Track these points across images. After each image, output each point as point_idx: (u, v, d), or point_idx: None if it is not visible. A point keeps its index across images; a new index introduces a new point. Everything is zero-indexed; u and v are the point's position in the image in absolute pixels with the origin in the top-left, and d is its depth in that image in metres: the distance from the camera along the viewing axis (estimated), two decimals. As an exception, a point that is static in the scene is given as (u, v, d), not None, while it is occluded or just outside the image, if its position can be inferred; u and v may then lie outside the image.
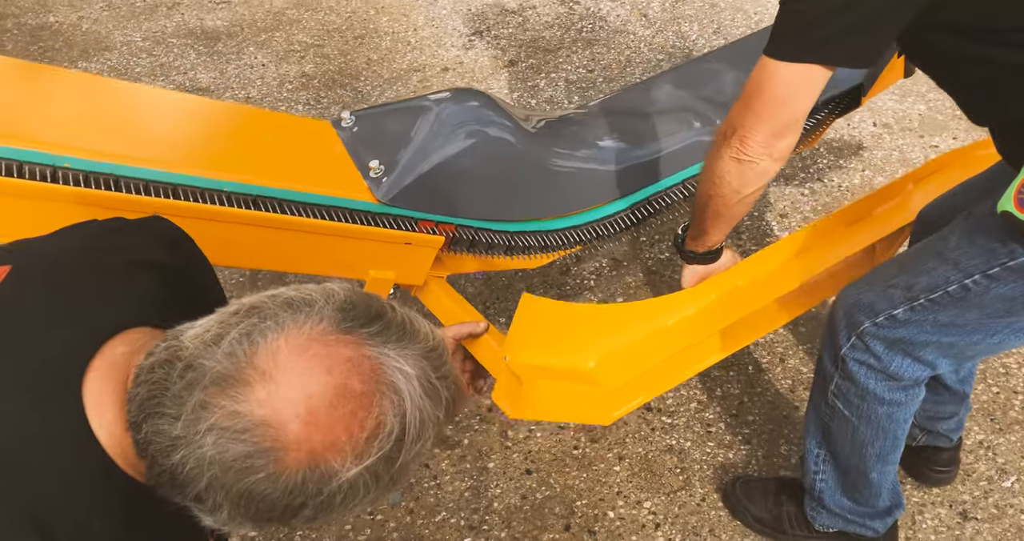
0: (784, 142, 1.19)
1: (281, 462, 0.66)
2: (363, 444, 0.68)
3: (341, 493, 0.69)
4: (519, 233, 1.63)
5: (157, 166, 1.29)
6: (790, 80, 1.13)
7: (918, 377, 1.32)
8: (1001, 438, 1.83)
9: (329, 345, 0.69)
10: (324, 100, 2.99)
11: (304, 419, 0.66)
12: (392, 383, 0.70)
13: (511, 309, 2.17)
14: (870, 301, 1.29)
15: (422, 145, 1.56)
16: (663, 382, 1.48)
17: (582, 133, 1.77)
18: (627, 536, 1.68)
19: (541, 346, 1.32)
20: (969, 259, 1.17)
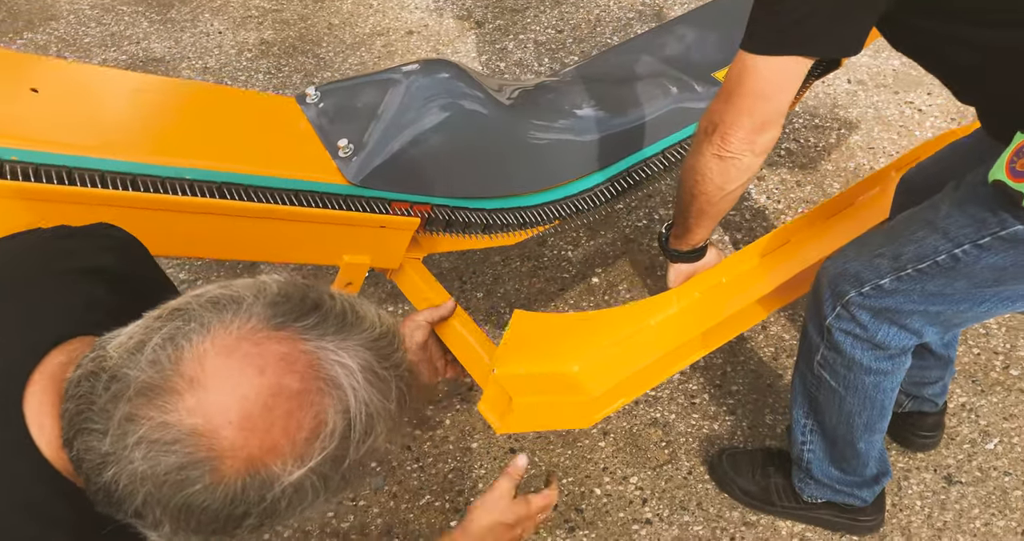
0: (766, 137, 1.17)
1: (217, 471, 0.63)
2: (304, 445, 0.65)
3: (286, 498, 0.66)
4: (497, 210, 1.57)
5: (112, 154, 1.22)
6: (770, 74, 1.10)
7: (904, 346, 1.30)
8: (983, 400, 1.83)
9: (260, 344, 0.65)
10: (285, 68, 2.89)
11: (238, 424, 0.63)
12: (332, 378, 0.66)
13: (488, 283, 2.13)
14: (856, 271, 1.27)
15: (393, 121, 1.49)
16: (645, 382, 1.46)
17: (558, 102, 1.71)
18: (614, 513, 1.67)
19: (527, 356, 1.29)
20: (959, 228, 1.14)
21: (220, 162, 1.31)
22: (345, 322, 0.69)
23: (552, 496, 1.19)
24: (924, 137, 2.50)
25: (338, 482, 0.69)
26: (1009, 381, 1.86)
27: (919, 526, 1.62)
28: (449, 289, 2.10)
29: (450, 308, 1.37)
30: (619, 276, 2.13)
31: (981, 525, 1.62)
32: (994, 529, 1.62)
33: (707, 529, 1.63)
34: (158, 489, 0.64)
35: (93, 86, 1.34)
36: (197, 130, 1.38)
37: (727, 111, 1.15)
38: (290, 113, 1.52)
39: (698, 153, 1.22)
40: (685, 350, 1.44)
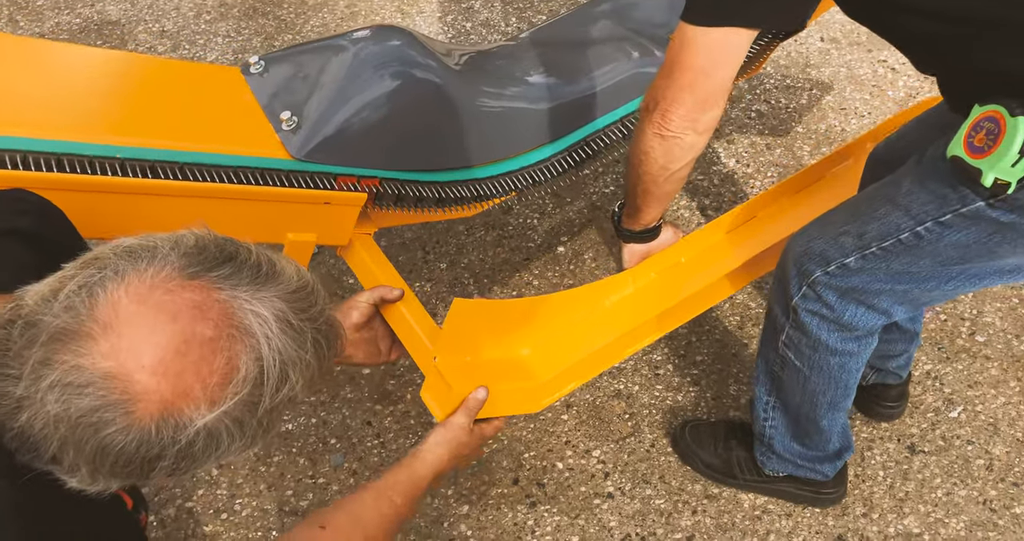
0: (709, 115, 1.13)
1: (131, 414, 0.65)
2: (216, 390, 0.67)
3: (200, 442, 0.68)
4: (449, 184, 1.52)
5: (36, 133, 1.16)
6: (710, 47, 1.05)
7: (872, 326, 1.27)
8: (948, 367, 1.82)
9: (173, 291, 0.67)
10: (245, 31, 2.80)
11: (151, 369, 0.65)
12: (245, 326, 0.68)
13: (451, 253, 2.09)
14: (821, 249, 1.23)
15: (338, 92, 1.43)
16: (598, 365, 1.43)
17: (511, 69, 1.65)
18: (576, 487, 1.65)
19: (472, 343, 1.26)
20: (921, 205, 1.11)
21: (154, 139, 1.26)
22: (260, 273, 0.71)
23: (500, 424, 1.28)
24: (896, 97, 2.46)
25: (254, 428, 0.71)
26: (975, 348, 1.85)
27: (881, 496, 1.62)
28: (412, 259, 2.07)
29: (396, 294, 1.33)
30: (585, 245, 2.10)
31: (943, 495, 1.62)
32: (955, 498, 1.61)
33: (669, 502, 1.62)
34: (73, 432, 0.65)
35: (14, 58, 1.28)
36: (131, 105, 1.32)
37: (667, 87, 1.11)
38: (234, 84, 1.47)
39: (640, 131, 1.19)
40: (641, 331, 1.41)
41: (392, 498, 1.07)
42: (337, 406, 1.77)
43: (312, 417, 1.76)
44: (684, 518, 1.60)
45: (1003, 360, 1.83)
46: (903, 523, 1.58)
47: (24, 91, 1.26)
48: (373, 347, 1.36)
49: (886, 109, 2.42)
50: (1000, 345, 1.85)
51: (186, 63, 1.50)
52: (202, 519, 1.62)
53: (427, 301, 1.96)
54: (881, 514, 1.59)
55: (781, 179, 2.23)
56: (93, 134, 1.22)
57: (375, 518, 1.04)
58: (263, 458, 1.69)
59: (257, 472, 1.68)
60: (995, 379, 1.79)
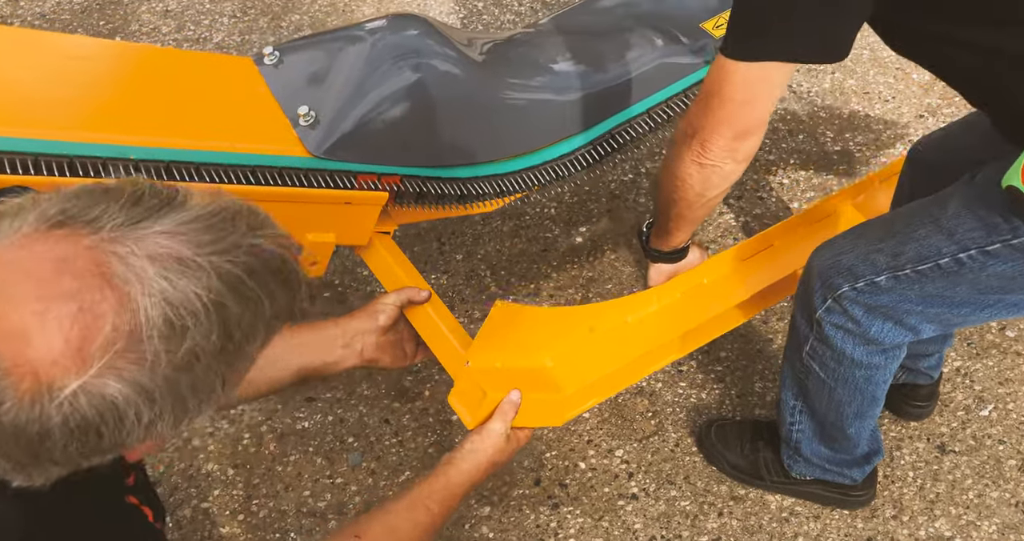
0: (748, 143, 1.10)
1: (18, 390, 0.57)
2: (84, 350, 0.57)
3: (89, 411, 0.58)
4: (472, 179, 1.47)
5: (44, 133, 1.11)
6: (749, 81, 1.03)
7: (899, 341, 1.23)
8: (978, 363, 1.78)
9: (34, 246, 0.58)
10: (251, 10, 2.72)
11: (12, 335, 0.56)
12: (113, 273, 0.58)
13: (467, 244, 2.04)
14: (850, 264, 1.18)
15: (358, 85, 1.38)
16: (619, 382, 1.40)
17: (534, 58, 1.59)
18: (599, 488, 1.62)
19: (501, 349, 1.23)
20: (967, 231, 1.06)
21: (168, 138, 1.21)
22: (140, 207, 0.60)
23: (530, 432, 1.25)
24: (921, 80, 2.39)
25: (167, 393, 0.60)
26: (1005, 343, 1.81)
27: (911, 498, 1.59)
28: (427, 250, 2.03)
29: (424, 296, 1.30)
30: (604, 236, 2.05)
31: (974, 496, 1.59)
32: (987, 500, 1.58)
33: (694, 504, 1.59)
34: None
35: (17, 51, 1.22)
36: (143, 101, 1.27)
37: (707, 118, 1.08)
38: (247, 76, 1.41)
39: (677, 158, 1.15)
40: (662, 351, 1.39)
41: (428, 506, 1.05)
42: (354, 403, 1.74)
43: (328, 415, 1.73)
44: (710, 520, 1.57)
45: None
46: (934, 526, 1.55)
47: (27, 88, 1.20)
48: (399, 350, 1.33)
49: (910, 93, 2.36)
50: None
51: (198, 54, 1.44)
52: (218, 520, 1.59)
53: (443, 294, 1.92)
54: (912, 516, 1.56)
55: (803, 166, 2.19)
56: (104, 133, 1.17)
57: (409, 528, 1.02)
58: (279, 457, 1.66)
59: (273, 471, 1.64)
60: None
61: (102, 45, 1.34)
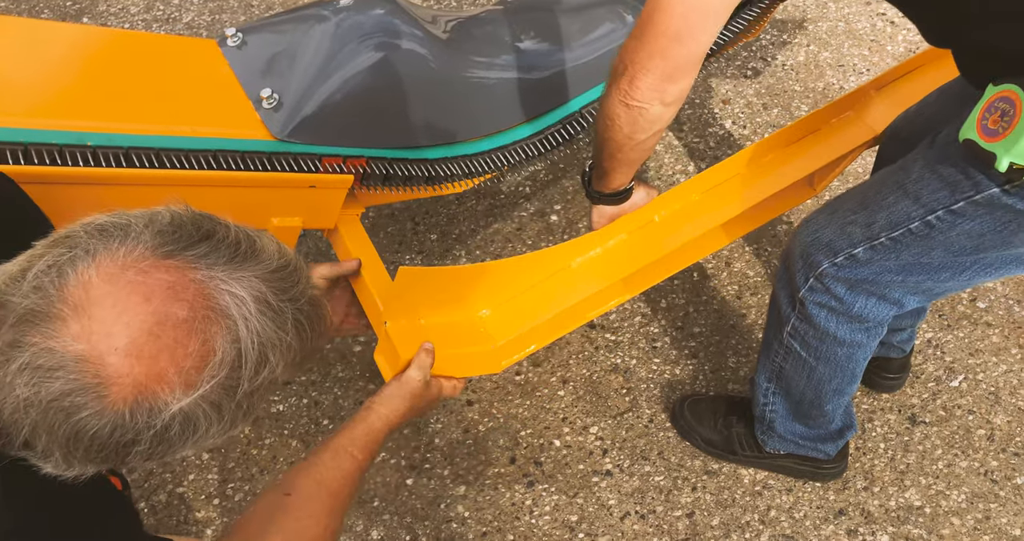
0: (678, 86, 1.03)
1: (104, 398, 0.63)
2: (192, 374, 0.65)
3: (176, 426, 0.67)
4: (440, 161, 1.46)
5: (1, 121, 1.10)
6: (684, 11, 0.96)
7: (883, 317, 1.23)
8: (949, 335, 1.80)
9: (146, 271, 0.65)
10: (221, -11, 2.69)
11: (124, 351, 0.63)
12: (221, 308, 0.66)
13: (442, 224, 2.04)
14: (828, 239, 1.19)
15: (321, 66, 1.36)
16: (559, 328, 1.40)
17: (501, 36, 1.58)
18: (574, 465, 1.63)
19: (426, 307, 1.25)
20: (931, 193, 1.05)
21: (128, 123, 1.19)
22: (239, 252, 0.69)
23: (460, 384, 1.27)
24: (896, 52, 2.39)
25: (232, 412, 0.69)
26: (976, 314, 1.82)
27: (882, 469, 1.60)
28: (401, 230, 2.02)
29: (352, 267, 1.29)
30: (579, 213, 2.04)
31: (944, 466, 1.61)
32: (956, 470, 1.60)
33: (668, 479, 1.61)
34: (45, 416, 0.63)
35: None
36: (101, 86, 1.25)
37: (637, 51, 1.01)
38: (210, 58, 1.39)
39: (606, 96, 1.09)
40: (608, 293, 1.39)
41: (352, 454, 1.07)
42: (328, 386, 1.74)
43: (303, 398, 1.73)
44: (684, 495, 1.59)
45: (1004, 327, 1.80)
46: (904, 496, 1.57)
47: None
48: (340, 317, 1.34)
49: (885, 65, 2.35)
50: (1001, 311, 1.82)
51: (159, 36, 1.43)
52: (194, 505, 1.59)
53: (418, 275, 1.92)
54: (882, 487, 1.58)
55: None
56: (60, 120, 1.15)
57: (337, 476, 1.03)
58: (254, 441, 1.66)
59: (249, 455, 1.65)
60: (996, 346, 1.77)
61: (58, 28, 1.32)
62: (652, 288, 1.86)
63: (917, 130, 1.28)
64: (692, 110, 2.27)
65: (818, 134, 1.51)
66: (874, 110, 1.49)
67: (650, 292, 1.88)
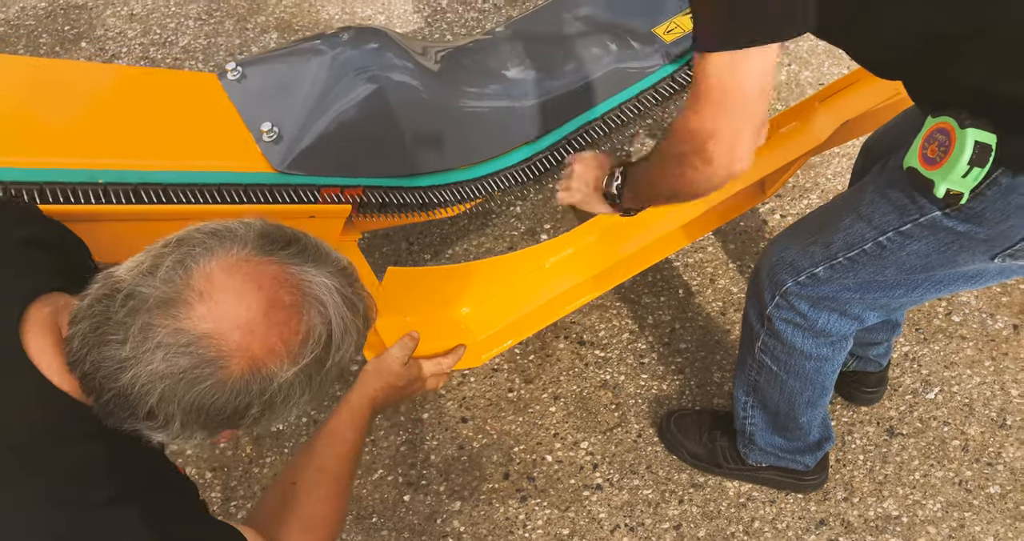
0: (745, 144, 1.01)
1: (226, 369, 0.75)
2: (297, 348, 0.78)
3: (282, 393, 0.79)
4: (434, 188, 1.53)
5: (10, 162, 1.15)
6: (731, 69, 0.95)
7: (846, 332, 1.30)
8: (925, 348, 1.86)
9: (256, 265, 0.78)
10: (217, 13, 2.74)
11: (243, 329, 0.75)
12: (316, 295, 0.79)
13: (435, 244, 2.10)
14: (791, 259, 1.26)
15: (319, 99, 1.42)
16: (535, 324, 1.52)
17: (490, 66, 1.64)
18: (565, 480, 1.69)
19: (412, 305, 1.34)
20: (882, 216, 1.13)
21: (136, 160, 1.24)
22: (319, 253, 0.83)
23: (445, 362, 1.34)
24: (875, 72, 2.46)
25: (318, 383, 0.82)
26: (951, 328, 1.89)
27: (861, 480, 1.67)
28: (396, 250, 2.08)
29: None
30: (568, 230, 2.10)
31: (920, 476, 1.67)
32: (932, 480, 1.67)
33: (656, 492, 1.67)
34: (175, 386, 0.74)
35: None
36: (109, 123, 1.30)
37: (702, 120, 1.00)
38: (211, 92, 1.44)
39: (677, 163, 1.08)
40: (579, 290, 1.50)
41: (344, 436, 1.16)
42: (327, 405, 1.79)
43: (303, 416, 1.78)
44: (671, 507, 1.65)
45: (978, 340, 1.87)
46: (883, 506, 1.64)
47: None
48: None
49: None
50: (975, 325, 1.89)
51: (162, 71, 1.48)
52: (199, 522, 1.64)
53: (413, 294, 1.97)
54: (861, 498, 1.65)
55: (761, 160, 2.24)
56: (71, 158, 1.20)
57: (334, 459, 1.13)
58: (256, 459, 1.72)
59: (251, 474, 1.70)
60: (970, 359, 1.84)
61: (65, 67, 1.37)
62: (639, 305, 1.93)
63: (886, 147, 1.35)
64: (677, 130, 2.33)
65: (768, 143, 1.61)
66: (818, 120, 1.61)
67: (637, 309, 1.94)
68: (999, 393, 1.78)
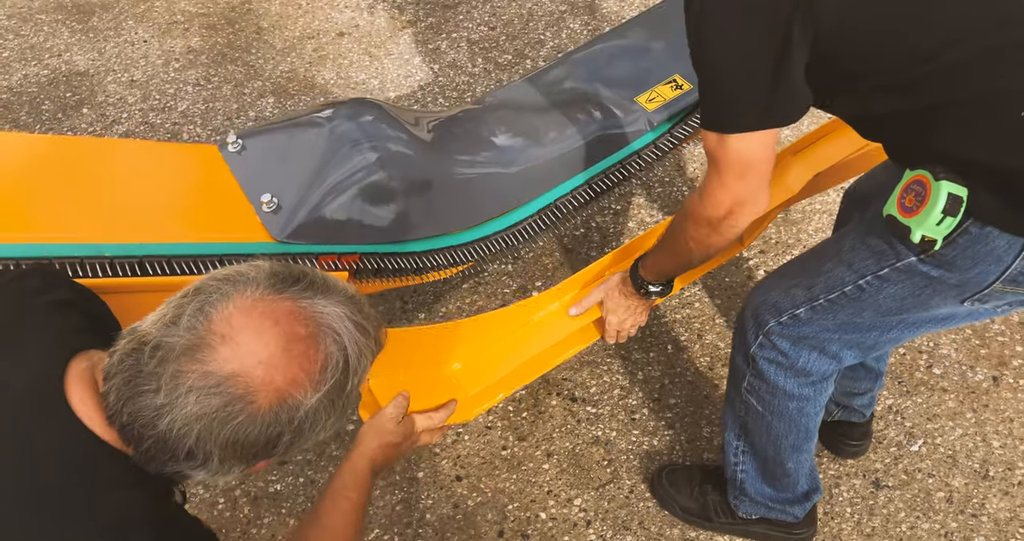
0: (763, 201, 1.19)
1: (255, 403, 0.80)
2: (318, 375, 0.84)
3: (309, 419, 0.84)
4: (427, 252, 1.58)
5: (20, 238, 1.20)
6: (748, 147, 1.12)
7: (825, 371, 1.37)
8: (908, 401, 1.91)
9: (270, 303, 0.83)
10: (215, 78, 2.83)
11: (266, 364, 0.80)
12: (330, 325, 0.85)
13: (429, 302, 2.14)
14: (775, 301, 1.34)
15: (317, 170, 1.49)
16: (523, 377, 1.57)
17: (481, 134, 1.72)
18: (559, 537, 1.72)
19: (405, 363, 1.38)
20: (862, 260, 1.21)
21: (139, 233, 1.30)
22: (326, 286, 0.88)
23: (437, 416, 1.37)
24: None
25: (341, 406, 0.88)
26: (932, 380, 1.94)
27: (849, 533, 1.70)
28: (390, 309, 2.12)
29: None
30: (558, 290, 2.16)
31: (907, 529, 1.70)
32: (919, 532, 1.70)
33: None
34: (209, 425, 0.80)
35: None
36: (113, 198, 1.36)
37: (725, 192, 1.17)
38: (212, 163, 1.51)
39: (698, 231, 1.25)
40: (566, 343, 1.56)
41: (347, 495, 1.20)
42: (323, 465, 1.82)
43: (300, 477, 1.81)
44: (664, 563, 1.67)
45: (959, 392, 1.92)
46: (871, 559, 1.67)
47: (4, 191, 1.29)
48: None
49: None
50: (956, 377, 1.94)
51: (165, 145, 1.54)
52: (198, 584, 1.66)
53: (407, 353, 2.02)
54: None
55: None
56: (78, 233, 1.25)
57: (339, 519, 1.17)
58: (253, 521, 1.74)
59: (248, 535, 1.72)
60: (952, 411, 1.88)
61: (67, 143, 1.42)
62: (629, 360, 1.98)
63: (869, 194, 1.44)
64: (663, 188, 2.40)
65: None
66: (791, 173, 1.69)
67: (627, 364, 1.99)
68: (981, 444, 1.82)
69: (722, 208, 1.19)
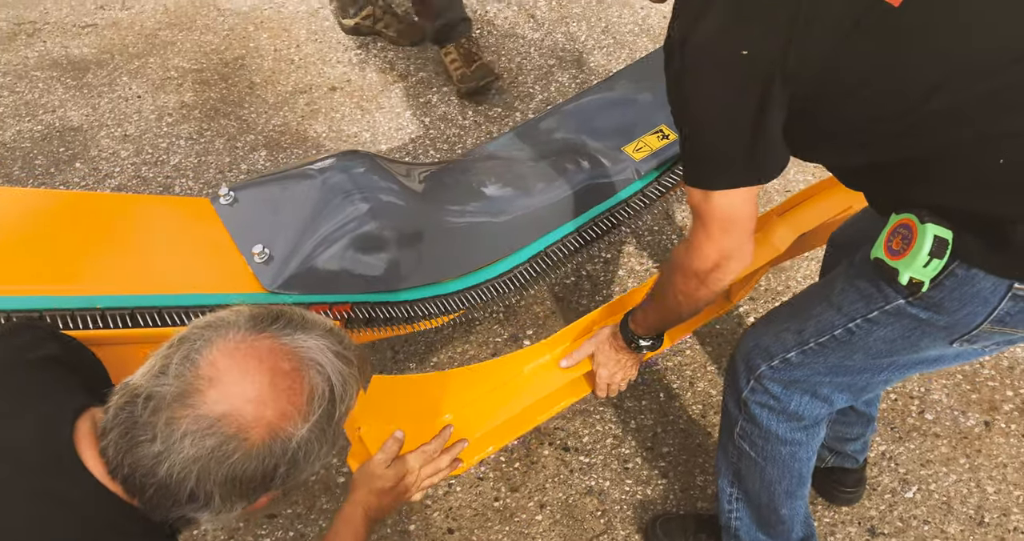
0: (748, 253, 1.23)
1: (248, 440, 0.83)
2: (306, 406, 0.87)
3: (302, 449, 0.87)
4: (418, 301, 1.59)
5: (13, 290, 1.21)
6: (732, 203, 1.17)
7: (817, 415, 1.37)
8: (901, 447, 1.90)
9: (252, 343, 0.87)
10: (208, 133, 2.86)
11: (255, 401, 0.84)
12: (312, 357, 0.89)
13: (420, 352, 2.14)
14: (766, 345, 1.34)
15: (308, 221, 1.50)
16: (514, 430, 1.57)
17: (469, 183, 1.74)
18: (554, 589, 1.69)
19: (396, 413, 1.38)
20: (851, 304, 1.22)
21: (131, 286, 1.31)
22: (304, 321, 0.92)
23: (429, 449, 1.37)
24: (837, 178, 2.58)
25: (331, 435, 0.91)
26: (925, 426, 1.94)
27: (846, 582, 1.68)
28: (381, 360, 2.12)
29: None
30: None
31: (904, 577, 1.69)
32: (916, 580, 1.68)
33: (644, 600, 1.67)
34: (207, 465, 0.83)
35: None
36: (106, 250, 1.37)
37: (711, 246, 1.20)
38: (204, 216, 1.52)
39: (687, 288, 1.28)
40: (557, 396, 1.57)
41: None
42: (314, 518, 1.80)
43: (290, 530, 1.78)
44: (660, 615, 1.65)
45: (951, 437, 1.92)
46: (869, 608, 1.64)
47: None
48: None
49: (828, 190, 2.54)
50: (948, 422, 1.94)
51: (157, 198, 1.56)
52: None
53: (399, 404, 2.01)
54: (847, 600, 1.66)
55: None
56: (71, 286, 1.26)
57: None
58: (243, 576, 1.71)
59: (238, 590, 1.69)
60: (945, 457, 1.88)
61: (63, 197, 1.44)
62: (622, 409, 1.97)
63: (852, 239, 1.47)
64: (652, 237, 2.43)
65: None
66: (777, 233, 1.72)
67: (620, 413, 1.98)
68: (975, 490, 1.82)
69: (709, 261, 1.22)
